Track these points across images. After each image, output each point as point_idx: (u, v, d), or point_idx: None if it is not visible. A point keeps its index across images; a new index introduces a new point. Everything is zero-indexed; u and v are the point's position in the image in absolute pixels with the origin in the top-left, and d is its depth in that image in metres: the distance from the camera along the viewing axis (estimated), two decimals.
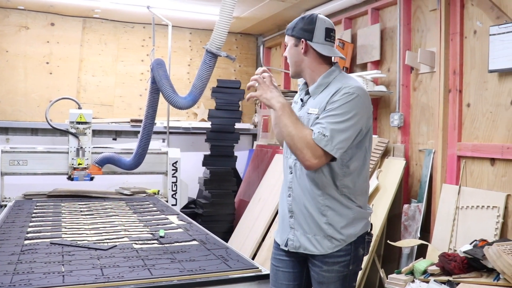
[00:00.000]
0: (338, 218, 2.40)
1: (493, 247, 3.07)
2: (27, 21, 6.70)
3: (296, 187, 2.46)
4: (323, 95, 2.39)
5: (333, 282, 2.39)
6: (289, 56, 2.54)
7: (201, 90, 4.50)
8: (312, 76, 2.49)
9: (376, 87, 5.00)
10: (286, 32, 2.57)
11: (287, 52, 2.55)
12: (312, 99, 2.46)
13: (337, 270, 2.39)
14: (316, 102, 2.41)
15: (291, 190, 2.48)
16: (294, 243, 2.46)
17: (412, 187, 4.80)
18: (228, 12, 4.25)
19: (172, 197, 5.65)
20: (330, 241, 2.38)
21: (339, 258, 2.39)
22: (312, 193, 2.39)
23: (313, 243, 2.40)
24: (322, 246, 2.39)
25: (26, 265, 2.62)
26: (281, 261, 2.56)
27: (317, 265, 2.41)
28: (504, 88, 3.80)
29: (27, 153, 5.20)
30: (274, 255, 2.63)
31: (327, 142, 2.24)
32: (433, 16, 4.51)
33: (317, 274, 2.42)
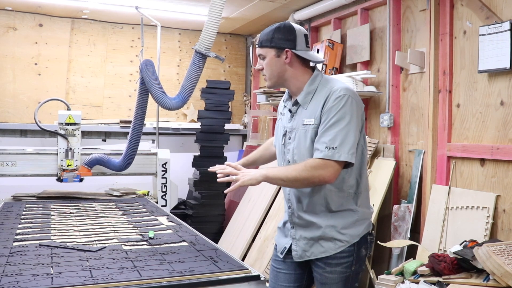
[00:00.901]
0: (342, 220, 2.41)
1: (483, 248, 3.07)
2: (15, 22, 6.65)
3: (294, 199, 2.46)
4: (314, 103, 2.38)
5: (335, 283, 2.41)
6: (269, 68, 2.49)
7: (190, 90, 4.49)
8: (297, 85, 2.47)
9: (366, 87, 5.01)
10: (260, 45, 2.50)
11: (266, 64, 2.49)
12: (303, 109, 2.43)
13: (340, 271, 2.41)
14: (309, 112, 2.39)
15: (290, 202, 2.49)
16: (298, 252, 2.48)
17: (402, 187, 4.81)
18: (217, 12, 4.24)
19: (161, 198, 5.63)
20: (333, 243, 2.40)
21: (342, 259, 2.41)
22: (315, 201, 2.39)
23: (317, 247, 2.43)
24: (325, 249, 2.41)
25: (15, 267, 2.60)
26: (283, 263, 2.57)
27: (320, 266, 2.43)
28: (494, 89, 3.81)
29: (16, 154, 5.16)
30: (276, 257, 2.64)
31: (340, 152, 2.25)
32: (423, 16, 4.52)
33: (320, 275, 2.44)
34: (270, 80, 2.50)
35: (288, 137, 2.45)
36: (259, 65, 2.52)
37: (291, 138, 2.44)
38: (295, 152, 2.38)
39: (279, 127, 2.58)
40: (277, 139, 2.60)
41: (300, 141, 2.38)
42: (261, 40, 2.51)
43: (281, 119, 2.55)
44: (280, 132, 2.52)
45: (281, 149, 2.51)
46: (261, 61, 2.50)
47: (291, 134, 2.43)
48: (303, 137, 2.36)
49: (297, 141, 2.39)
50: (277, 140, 2.58)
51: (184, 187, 6.87)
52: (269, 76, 2.48)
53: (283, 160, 2.51)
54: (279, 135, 2.56)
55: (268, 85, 2.55)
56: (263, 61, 2.49)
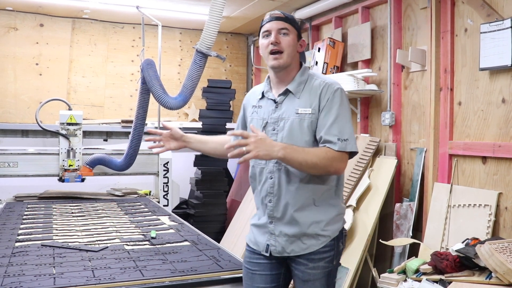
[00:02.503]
0: (325, 216, 2.37)
1: (485, 246, 3.07)
2: (15, 22, 6.65)
3: (278, 192, 2.37)
4: (308, 93, 2.35)
5: (318, 279, 2.34)
6: (290, 47, 2.38)
7: (191, 90, 4.50)
8: (292, 75, 2.42)
9: (367, 86, 5.00)
10: (287, 20, 2.41)
11: (289, 41, 2.38)
12: (294, 98, 2.37)
13: (323, 266, 2.35)
14: (303, 101, 2.34)
15: (272, 195, 2.38)
16: (277, 248, 2.38)
17: (404, 186, 4.80)
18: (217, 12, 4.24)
19: (163, 197, 5.64)
20: (316, 239, 2.34)
21: (324, 254, 2.36)
22: (300, 194, 2.33)
23: (298, 244, 2.35)
24: (308, 245, 2.35)
25: (17, 268, 2.61)
26: (258, 264, 2.45)
27: (302, 263, 2.36)
28: (496, 86, 3.80)
29: (18, 155, 5.18)
30: (249, 259, 2.50)
31: (350, 144, 2.28)
32: (424, 14, 4.51)
33: (302, 272, 2.36)
34: (287, 58, 2.37)
35: (272, 128, 2.37)
36: (275, 38, 2.36)
37: (276, 128, 2.36)
38: (285, 141, 2.30)
39: (254, 120, 2.47)
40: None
41: (293, 130, 2.32)
42: (287, 16, 2.44)
43: (256, 112, 2.47)
44: (257, 125, 2.43)
45: None
46: (280, 36, 2.37)
47: (276, 124, 2.35)
48: (298, 125, 2.31)
49: (288, 130, 2.32)
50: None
51: (186, 186, 6.87)
52: (288, 54, 2.36)
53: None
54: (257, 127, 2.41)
55: (281, 63, 2.36)
56: (284, 36, 2.37)
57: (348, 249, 4.49)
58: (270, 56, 2.37)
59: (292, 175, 2.34)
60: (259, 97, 2.50)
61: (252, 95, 2.59)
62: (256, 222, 2.49)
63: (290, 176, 2.35)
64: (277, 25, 2.38)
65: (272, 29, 2.38)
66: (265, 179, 2.40)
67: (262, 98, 2.49)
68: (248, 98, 2.61)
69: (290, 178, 2.35)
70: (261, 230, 2.45)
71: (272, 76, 2.46)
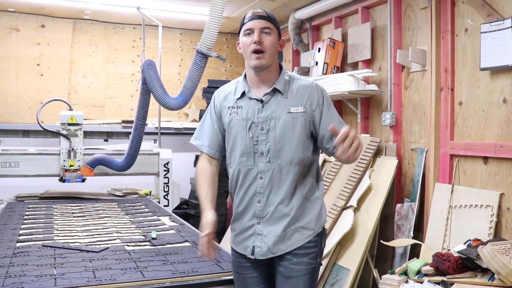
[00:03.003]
0: (312, 209, 2.38)
1: (488, 247, 3.06)
2: (17, 23, 6.66)
3: (268, 191, 2.34)
4: (295, 93, 2.35)
5: (302, 275, 2.32)
6: (272, 47, 2.34)
7: (192, 90, 4.50)
8: (273, 74, 2.39)
9: (368, 86, 5.00)
10: (269, 19, 2.38)
11: (271, 41, 2.34)
12: (282, 97, 2.35)
13: (307, 262, 2.34)
14: (293, 100, 2.34)
15: (261, 196, 2.34)
16: (262, 249, 2.33)
17: (404, 186, 4.80)
18: (218, 12, 4.25)
19: (164, 198, 5.64)
20: (300, 233, 2.34)
21: (308, 249, 2.34)
22: (289, 192, 2.33)
23: (284, 241, 2.33)
24: (293, 241, 2.33)
25: (18, 268, 2.61)
26: (246, 267, 2.42)
27: (286, 259, 2.33)
28: (496, 86, 3.80)
29: (19, 155, 5.19)
30: (237, 263, 2.46)
31: None
32: (424, 14, 4.51)
33: (285, 268, 2.33)
34: (269, 58, 2.34)
35: (260, 128, 2.33)
36: (258, 37, 2.31)
37: (265, 128, 2.33)
38: (279, 140, 2.28)
39: (234, 121, 2.39)
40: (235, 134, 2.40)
41: (286, 129, 2.30)
42: (269, 15, 2.41)
43: (236, 112, 2.38)
44: (240, 125, 2.37)
45: (248, 142, 2.35)
46: (263, 36, 2.33)
47: (265, 124, 2.32)
48: (291, 124, 2.31)
49: (281, 129, 2.30)
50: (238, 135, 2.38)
51: (186, 186, 6.87)
52: (269, 54, 2.33)
53: (253, 152, 2.35)
54: (239, 129, 2.38)
55: (263, 63, 2.32)
56: (266, 36, 2.34)
57: (349, 250, 4.48)
58: (252, 55, 2.33)
59: (283, 173, 2.33)
60: (235, 97, 2.42)
61: (223, 96, 2.49)
62: (240, 225, 2.43)
63: (281, 174, 2.33)
64: (260, 24, 2.35)
65: (255, 28, 2.33)
66: (253, 180, 2.36)
67: (240, 98, 2.41)
68: (220, 99, 2.49)
69: (281, 177, 2.33)
70: (246, 233, 2.40)
71: (252, 75, 2.40)
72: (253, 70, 2.37)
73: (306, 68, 5.72)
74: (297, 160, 2.33)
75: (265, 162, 2.34)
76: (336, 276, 4.42)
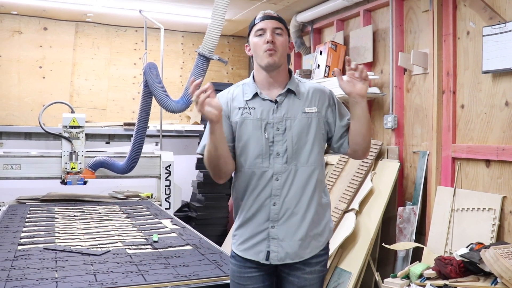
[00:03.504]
0: (323, 215, 2.37)
1: (490, 251, 3.05)
2: (20, 25, 6.68)
3: (285, 193, 2.28)
4: (307, 95, 2.36)
5: (314, 283, 2.31)
6: (283, 48, 2.35)
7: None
8: (283, 75, 2.39)
9: (369, 89, 4.99)
10: (280, 20, 2.38)
11: (282, 42, 2.34)
12: (295, 98, 2.35)
13: (319, 270, 2.33)
14: (306, 101, 2.34)
15: (277, 198, 2.28)
16: (279, 254, 2.26)
17: (406, 189, 4.79)
18: (220, 15, 4.25)
19: (165, 200, 5.64)
20: (316, 240, 2.32)
21: (320, 257, 2.33)
22: (305, 193, 2.29)
23: (303, 246, 2.28)
24: (311, 249, 2.30)
25: (19, 271, 2.61)
26: (250, 278, 2.33)
27: (299, 268, 2.29)
28: (498, 89, 3.79)
29: (21, 157, 5.19)
30: (239, 274, 2.36)
31: None
32: (426, 17, 4.51)
33: (298, 278, 2.29)
34: (281, 57, 2.33)
35: (276, 128, 2.29)
36: (271, 37, 2.30)
37: (280, 128, 2.29)
38: (296, 140, 2.25)
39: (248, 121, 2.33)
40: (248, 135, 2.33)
41: (302, 128, 2.28)
42: (280, 17, 2.41)
43: (249, 112, 2.33)
44: (255, 126, 2.32)
45: (264, 143, 2.30)
46: (276, 36, 2.33)
47: (280, 124, 2.29)
48: (306, 124, 2.29)
49: (297, 129, 2.28)
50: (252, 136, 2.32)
51: (188, 189, 6.88)
52: (281, 53, 2.33)
53: (268, 153, 2.30)
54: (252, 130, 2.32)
55: (276, 61, 2.30)
56: (278, 36, 2.34)
57: (350, 253, 4.48)
58: (264, 53, 2.31)
59: (298, 174, 2.29)
60: (246, 99, 2.37)
61: (230, 98, 2.42)
62: (250, 230, 2.34)
63: (296, 175, 2.29)
64: (272, 24, 2.34)
65: (268, 28, 2.33)
66: (268, 182, 2.29)
67: (251, 99, 2.37)
68: (227, 100, 2.41)
69: (297, 178, 2.29)
70: (257, 237, 2.31)
71: (262, 77, 2.38)
72: (265, 71, 2.35)
73: (308, 71, 5.72)
74: (313, 160, 2.31)
75: (281, 163, 2.28)
76: (338, 279, 4.41)
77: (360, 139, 2.32)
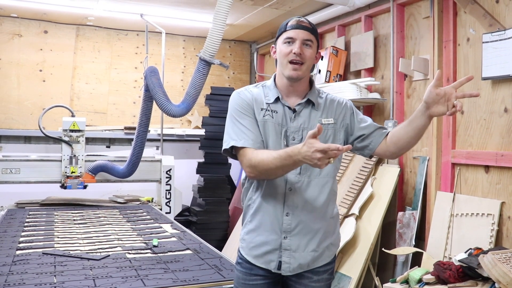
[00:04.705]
0: (334, 224, 2.37)
1: (488, 256, 3.06)
2: (20, 28, 6.68)
3: (297, 203, 2.24)
4: (325, 106, 2.33)
5: None
6: (310, 60, 2.30)
7: (194, 98, 4.51)
8: (304, 84, 2.35)
9: (370, 94, 5.00)
10: (312, 32, 2.30)
11: (310, 54, 2.29)
12: (313, 109, 2.31)
13: (326, 278, 2.32)
14: (323, 112, 2.32)
15: (290, 208, 2.24)
16: (292, 265, 2.24)
17: (406, 194, 4.79)
18: (221, 19, 4.26)
19: (166, 205, 5.64)
20: (329, 250, 2.32)
21: (328, 265, 2.33)
22: (318, 205, 2.27)
23: (316, 257, 2.27)
24: (323, 257, 2.29)
25: (18, 276, 2.60)
26: (254, 286, 2.31)
27: (307, 277, 2.28)
28: (498, 96, 3.80)
29: (20, 161, 5.18)
30: (244, 281, 2.33)
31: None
32: (426, 23, 4.52)
33: (305, 286, 2.29)
34: (306, 70, 2.29)
35: (292, 138, 2.25)
36: (299, 49, 2.24)
37: (296, 138, 2.25)
38: None
39: (268, 123, 2.28)
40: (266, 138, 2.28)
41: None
42: (313, 27, 2.33)
43: (271, 115, 2.29)
44: (275, 130, 2.28)
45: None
46: (304, 47, 2.26)
47: (296, 134, 2.25)
48: (322, 135, 2.21)
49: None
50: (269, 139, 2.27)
51: (188, 193, 6.87)
52: (308, 66, 2.29)
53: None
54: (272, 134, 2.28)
55: (299, 75, 2.26)
56: (307, 48, 2.27)
57: (350, 258, 4.48)
58: (289, 65, 2.26)
59: (312, 185, 2.26)
60: (269, 102, 2.32)
61: (250, 97, 2.35)
62: (261, 238, 2.29)
63: (309, 186, 2.26)
64: (303, 35, 2.27)
65: (298, 38, 2.26)
66: (282, 191, 2.25)
67: (273, 103, 2.32)
68: (249, 98, 2.35)
69: (309, 189, 2.26)
70: (268, 246, 2.27)
71: (284, 84, 2.33)
72: (287, 79, 2.31)
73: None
74: (326, 172, 2.27)
75: (295, 174, 2.24)
76: (338, 284, 4.41)
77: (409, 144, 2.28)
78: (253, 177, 2.23)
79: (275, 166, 2.09)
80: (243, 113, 2.31)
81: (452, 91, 2.10)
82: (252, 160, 2.18)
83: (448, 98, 2.09)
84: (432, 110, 2.12)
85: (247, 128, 2.27)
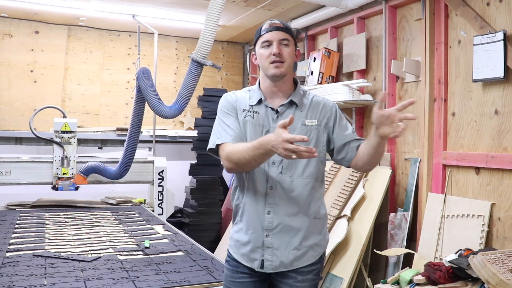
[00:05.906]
0: (320, 225, 2.37)
1: (478, 257, 3.08)
2: (10, 29, 6.64)
3: (278, 202, 2.27)
4: (309, 108, 2.34)
5: None
6: (290, 58, 2.33)
7: (186, 99, 4.50)
8: (288, 85, 2.38)
9: (362, 96, 5.01)
10: (287, 30, 2.35)
11: (289, 52, 2.33)
12: (296, 110, 2.33)
13: (311, 278, 2.32)
14: (307, 113, 2.33)
15: (271, 207, 2.27)
16: (273, 263, 2.27)
17: (398, 196, 4.81)
18: (214, 21, 4.25)
19: (158, 206, 5.63)
20: (314, 250, 2.32)
21: (313, 266, 2.33)
22: (300, 203, 2.28)
23: (298, 256, 2.28)
24: (306, 258, 2.30)
25: (7, 279, 2.59)
26: (241, 283, 2.34)
27: (291, 277, 2.29)
28: (488, 98, 3.82)
29: (11, 162, 5.15)
30: (231, 278, 2.37)
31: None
32: (418, 25, 4.54)
33: (290, 286, 2.30)
34: (287, 68, 2.32)
35: None
36: (278, 50, 2.28)
37: None
38: None
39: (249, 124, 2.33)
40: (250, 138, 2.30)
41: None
42: (287, 26, 2.37)
43: (252, 116, 2.34)
44: (256, 131, 2.31)
45: None
46: (281, 47, 2.30)
47: None
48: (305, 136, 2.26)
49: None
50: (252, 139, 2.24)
51: (181, 195, 6.86)
52: (288, 64, 2.32)
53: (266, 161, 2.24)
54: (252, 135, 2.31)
55: (282, 71, 2.30)
56: (285, 47, 2.31)
57: (342, 259, 4.49)
58: (270, 65, 2.30)
59: (294, 185, 2.28)
60: (251, 103, 2.37)
61: (234, 99, 2.42)
62: (246, 237, 2.34)
63: (292, 186, 2.28)
64: (278, 35, 2.32)
65: (274, 40, 2.31)
66: (263, 189, 2.29)
67: (256, 105, 2.36)
68: (233, 99, 2.42)
69: (292, 189, 2.28)
70: (252, 244, 2.31)
71: (267, 85, 2.37)
72: (270, 80, 2.35)
73: (302, 78, 5.73)
74: (309, 172, 2.30)
75: (276, 173, 2.28)
76: (330, 285, 4.42)
77: (370, 162, 2.30)
78: (230, 169, 2.26)
79: (248, 156, 2.13)
80: (227, 113, 2.39)
81: (396, 114, 2.09)
82: (229, 152, 2.23)
83: (392, 120, 2.10)
84: (380, 130, 2.14)
85: (229, 127, 2.33)
